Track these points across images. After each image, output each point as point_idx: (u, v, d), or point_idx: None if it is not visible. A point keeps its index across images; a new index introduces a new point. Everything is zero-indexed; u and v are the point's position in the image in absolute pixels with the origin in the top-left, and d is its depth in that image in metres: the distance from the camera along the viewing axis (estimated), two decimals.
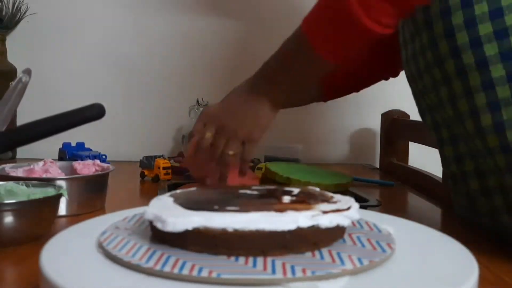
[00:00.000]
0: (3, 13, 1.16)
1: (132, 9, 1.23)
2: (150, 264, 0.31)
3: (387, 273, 0.32)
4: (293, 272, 0.30)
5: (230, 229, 0.32)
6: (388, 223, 0.43)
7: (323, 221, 0.34)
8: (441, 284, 0.30)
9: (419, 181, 0.93)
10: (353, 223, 0.39)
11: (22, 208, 0.49)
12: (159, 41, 1.24)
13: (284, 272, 0.30)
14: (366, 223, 0.42)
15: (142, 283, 0.30)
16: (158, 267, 0.31)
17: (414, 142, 1.05)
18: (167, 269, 0.30)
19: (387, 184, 0.94)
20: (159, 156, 0.94)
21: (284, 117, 1.26)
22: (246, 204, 0.36)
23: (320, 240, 0.35)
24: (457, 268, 0.33)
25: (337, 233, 0.36)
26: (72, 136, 0.85)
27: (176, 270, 0.30)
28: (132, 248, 0.34)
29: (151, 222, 0.36)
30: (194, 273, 0.30)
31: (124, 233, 0.38)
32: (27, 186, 0.55)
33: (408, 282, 0.31)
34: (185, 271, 0.30)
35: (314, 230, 0.34)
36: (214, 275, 0.29)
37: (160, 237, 0.35)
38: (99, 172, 0.68)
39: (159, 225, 0.34)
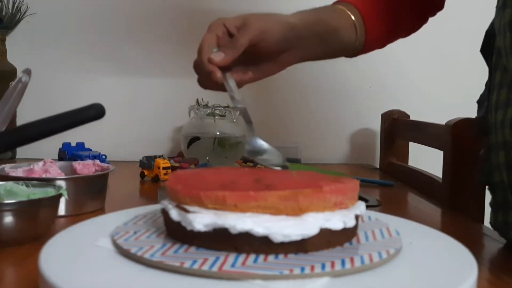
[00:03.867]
0: (3, 13, 1.16)
1: (134, 12, 1.23)
2: (177, 263, 0.32)
3: (386, 272, 0.32)
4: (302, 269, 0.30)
5: (255, 232, 0.32)
6: (388, 223, 0.43)
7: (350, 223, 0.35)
8: (441, 284, 0.30)
9: (419, 181, 0.93)
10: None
11: (22, 208, 0.49)
12: (160, 40, 1.24)
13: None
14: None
15: (146, 280, 0.30)
16: (185, 266, 0.31)
17: (414, 142, 1.05)
18: (195, 266, 0.31)
19: (387, 184, 0.94)
20: (159, 156, 0.94)
21: (284, 117, 1.27)
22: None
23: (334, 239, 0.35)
24: (457, 268, 0.33)
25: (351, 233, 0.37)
26: (72, 136, 0.85)
27: (197, 266, 0.30)
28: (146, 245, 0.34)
29: (167, 219, 0.36)
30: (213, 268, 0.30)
31: (138, 231, 0.38)
32: (27, 186, 0.55)
33: (407, 282, 0.31)
34: (205, 267, 0.30)
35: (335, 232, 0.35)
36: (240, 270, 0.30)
37: (177, 235, 0.36)
38: (99, 172, 0.68)
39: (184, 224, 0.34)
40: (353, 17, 0.67)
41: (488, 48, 0.60)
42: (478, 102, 0.62)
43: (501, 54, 0.52)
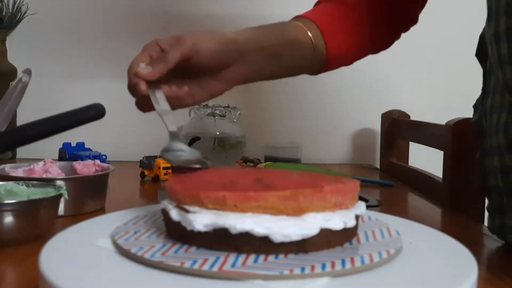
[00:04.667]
0: (3, 13, 1.16)
1: (134, 12, 1.24)
2: (177, 262, 0.31)
3: (386, 272, 0.32)
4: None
5: (255, 232, 0.32)
6: (388, 223, 0.43)
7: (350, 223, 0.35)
8: (441, 284, 0.30)
9: (419, 181, 0.93)
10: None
11: (22, 208, 0.49)
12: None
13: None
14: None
15: (146, 279, 0.30)
16: (186, 266, 0.31)
17: (414, 142, 1.05)
18: (196, 266, 0.31)
19: (387, 184, 0.94)
20: (159, 156, 0.94)
21: (284, 117, 1.27)
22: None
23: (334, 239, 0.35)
24: (457, 268, 0.33)
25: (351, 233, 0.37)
26: (72, 136, 0.85)
27: (197, 266, 0.30)
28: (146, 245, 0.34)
29: (167, 219, 0.36)
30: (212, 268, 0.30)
31: (138, 231, 0.38)
32: (27, 186, 0.55)
33: (407, 282, 0.31)
34: (205, 267, 0.30)
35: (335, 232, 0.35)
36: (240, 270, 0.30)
37: (178, 235, 0.36)
38: (99, 172, 0.68)
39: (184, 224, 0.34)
40: (310, 33, 0.64)
41: (483, 52, 0.60)
42: (474, 106, 0.62)
43: None
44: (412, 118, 1.14)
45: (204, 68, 0.56)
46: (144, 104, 0.57)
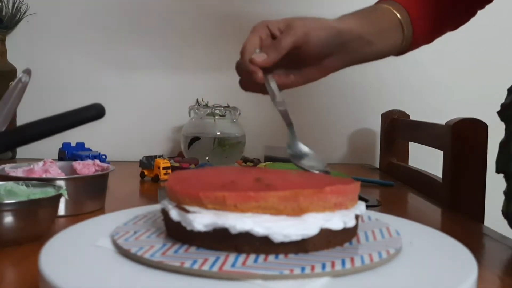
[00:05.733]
0: (3, 13, 1.16)
1: (134, 12, 1.23)
2: (177, 262, 0.31)
3: (386, 272, 0.32)
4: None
5: (255, 232, 0.32)
6: (388, 223, 0.43)
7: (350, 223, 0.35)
8: (441, 284, 0.30)
9: (419, 181, 0.93)
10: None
11: (22, 208, 0.49)
12: (160, 40, 1.24)
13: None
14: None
15: (146, 280, 0.30)
16: (186, 266, 0.31)
17: (414, 142, 1.05)
18: (196, 266, 0.31)
19: (387, 184, 0.94)
20: (159, 156, 0.94)
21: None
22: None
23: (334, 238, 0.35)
24: (457, 268, 0.33)
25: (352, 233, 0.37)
26: (72, 136, 0.85)
27: (196, 266, 0.30)
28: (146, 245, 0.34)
29: (167, 219, 0.36)
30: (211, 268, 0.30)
31: (138, 231, 0.38)
32: (27, 186, 0.55)
33: (407, 282, 0.31)
34: (205, 267, 0.30)
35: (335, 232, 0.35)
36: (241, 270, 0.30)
37: (177, 235, 0.36)
38: (99, 172, 0.68)
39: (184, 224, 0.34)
40: (399, 16, 0.65)
41: None
42: (509, 90, 0.62)
43: None
44: (412, 118, 1.14)
45: (309, 56, 0.58)
46: (248, 84, 0.59)
